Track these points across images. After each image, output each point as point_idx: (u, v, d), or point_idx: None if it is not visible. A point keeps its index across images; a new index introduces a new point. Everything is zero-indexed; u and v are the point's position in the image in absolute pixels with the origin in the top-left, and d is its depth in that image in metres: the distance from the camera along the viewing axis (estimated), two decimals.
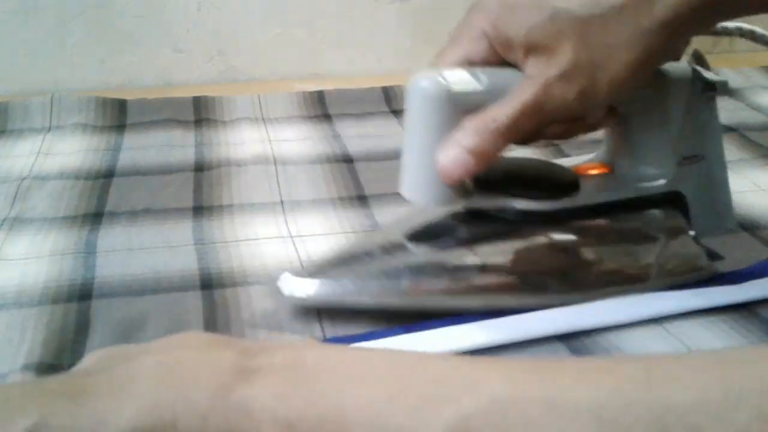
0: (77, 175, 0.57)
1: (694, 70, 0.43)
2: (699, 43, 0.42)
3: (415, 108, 0.37)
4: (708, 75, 0.43)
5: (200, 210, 0.53)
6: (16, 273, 0.45)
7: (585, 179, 0.42)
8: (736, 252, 0.47)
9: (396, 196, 0.55)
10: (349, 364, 0.23)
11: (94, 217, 0.52)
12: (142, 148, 0.62)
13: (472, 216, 0.41)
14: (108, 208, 0.53)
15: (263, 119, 0.69)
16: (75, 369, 0.27)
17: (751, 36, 0.47)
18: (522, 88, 0.35)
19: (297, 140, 0.65)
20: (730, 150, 0.65)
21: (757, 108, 0.74)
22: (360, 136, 0.66)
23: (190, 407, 0.22)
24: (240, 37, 0.80)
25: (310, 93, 0.73)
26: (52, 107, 0.67)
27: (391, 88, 0.74)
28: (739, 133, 0.68)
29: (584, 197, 0.41)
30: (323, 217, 0.53)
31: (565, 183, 0.42)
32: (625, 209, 0.43)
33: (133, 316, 0.41)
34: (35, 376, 0.36)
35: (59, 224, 0.50)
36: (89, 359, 0.27)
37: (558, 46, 0.35)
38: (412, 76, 0.37)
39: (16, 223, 0.50)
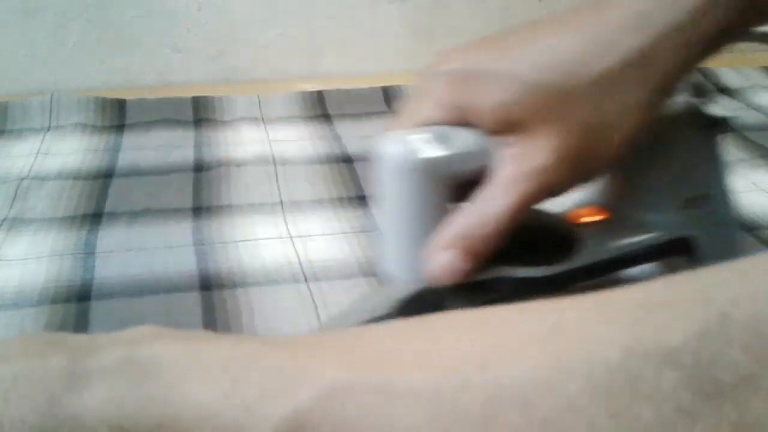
0: (77, 176, 0.57)
1: (693, 107, 0.39)
2: None
3: (387, 177, 0.33)
4: (709, 111, 0.40)
5: (200, 210, 0.53)
6: (15, 273, 0.45)
7: (583, 229, 0.38)
8: (738, 253, 0.47)
9: None
10: (186, 360, 0.22)
11: (94, 218, 0.51)
12: (142, 148, 0.62)
13: (463, 288, 0.35)
14: (107, 208, 0.53)
15: (263, 119, 0.68)
16: None
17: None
18: (512, 177, 0.32)
19: (297, 140, 0.65)
20: (730, 150, 0.65)
21: (757, 108, 0.74)
22: (360, 136, 0.66)
23: (19, 427, 0.21)
24: (240, 37, 0.80)
25: (310, 93, 0.73)
26: (51, 107, 0.67)
27: (391, 88, 0.74)
28: (739, 133, 0.68)
29: (586, 256, 0.37)
30: (323, 217, 0.53)
31: (564, 240, 0.37)
32: (627, 262, 0.39)
33: (132, 317, 0.41)
34: None
35: (58, 225, 0.50)
36: None
37: (539, 126, 0.31)
38: (379, 142, 0.33)
39: (15, 223, 0.50)
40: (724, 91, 0.77)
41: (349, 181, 0.58)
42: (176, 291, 0.44)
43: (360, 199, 0.55)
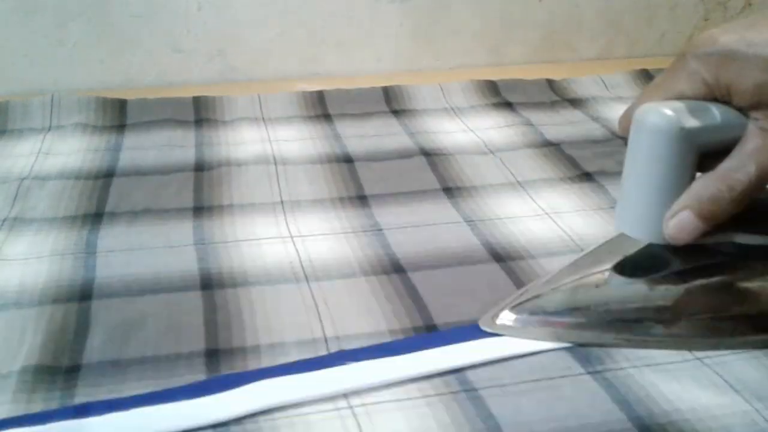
0: (77, 175, 0.57)
1: None
2: None
3: (643, 143, 0.36)
4: None
5: (200, 210, 0.53)
6: (15, 273, 0.45)
7: None
8: None
9: (396, 196, 0.56)
10: None
11: (94, 218, 0.52)
12: (142, 148, 0.62)
13: (689, 249, 0.38)
14: (108, 208, 0.53)
15: (263, 119, 0.69)
16: None
17: None
18: (759, 148, 0.35)
19: (297, 140, 0.65)
20: None
21: None
22: (360, 136, 0.66)
23: None
24: (240, 37, 0.80)
25: (310, 93, 0.73)
26: (52, 107, 0.67)
27: (391, 87, 0.74)
28: None
29: None
30: (323, 217, 0.53)
31: None
32: None
33: (133, 317, 0.41)
34: (33, 377, 0.36)
35: (59, 224, 0.50)
36: None
37: None
38: (639, 109, 0.36)
39: (16, 223, 0.50)
40: None
41: (350, 180, 0.58)
42: (177, 290, 0.44)
43: (360, 199, 0.55)
